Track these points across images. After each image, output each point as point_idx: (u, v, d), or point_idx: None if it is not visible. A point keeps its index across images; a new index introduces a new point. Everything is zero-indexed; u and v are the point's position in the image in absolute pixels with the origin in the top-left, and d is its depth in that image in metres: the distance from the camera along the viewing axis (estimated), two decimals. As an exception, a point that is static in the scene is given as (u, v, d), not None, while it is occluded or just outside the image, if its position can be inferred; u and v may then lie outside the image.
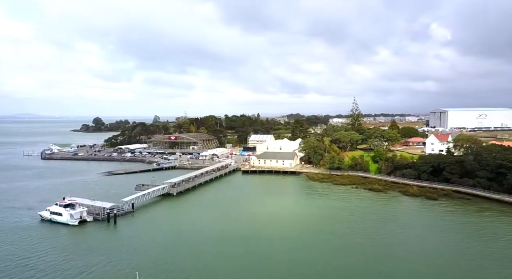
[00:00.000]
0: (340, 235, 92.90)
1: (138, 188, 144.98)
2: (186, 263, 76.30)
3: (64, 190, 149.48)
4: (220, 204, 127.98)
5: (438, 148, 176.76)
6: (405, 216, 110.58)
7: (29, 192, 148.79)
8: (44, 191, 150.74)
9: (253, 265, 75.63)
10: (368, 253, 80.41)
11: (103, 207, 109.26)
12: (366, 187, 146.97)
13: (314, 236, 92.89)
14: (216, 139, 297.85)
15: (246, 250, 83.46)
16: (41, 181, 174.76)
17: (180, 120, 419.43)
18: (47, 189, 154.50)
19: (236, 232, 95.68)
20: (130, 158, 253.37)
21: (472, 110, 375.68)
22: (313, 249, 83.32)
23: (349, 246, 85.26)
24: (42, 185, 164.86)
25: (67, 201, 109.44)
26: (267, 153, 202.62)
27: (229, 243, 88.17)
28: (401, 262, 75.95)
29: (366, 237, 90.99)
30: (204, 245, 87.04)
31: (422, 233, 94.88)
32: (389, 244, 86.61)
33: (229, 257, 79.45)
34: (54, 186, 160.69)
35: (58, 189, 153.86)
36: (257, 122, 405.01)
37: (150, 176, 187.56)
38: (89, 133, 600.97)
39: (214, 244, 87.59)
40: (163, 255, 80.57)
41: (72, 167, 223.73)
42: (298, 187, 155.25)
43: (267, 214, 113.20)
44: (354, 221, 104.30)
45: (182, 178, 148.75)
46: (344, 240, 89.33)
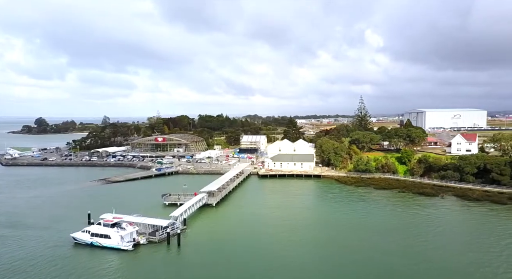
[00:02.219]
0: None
1: (167, 198, 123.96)
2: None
3: (66, 203, 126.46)
4: (269, 214, 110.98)
5: (465, 147, 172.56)
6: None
7: (25, 207, 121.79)
8: (44, 206, 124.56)
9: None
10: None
11: (159, 225, 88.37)
12: (415, 191, 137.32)
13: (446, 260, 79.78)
14: (204, 141, 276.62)
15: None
16: (26, 192, 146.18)
17: (152, 120, 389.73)
18: (44, 203, 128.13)
19: (320, 247, 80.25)
20: (115, 162, 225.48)
21: (447, 111, 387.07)
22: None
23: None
24: (32, 197, 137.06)
25: (114, 219, 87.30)
26: (282, 155, 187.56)
27: (324, 262, 72.70)
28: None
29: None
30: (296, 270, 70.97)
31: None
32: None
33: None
34: (51, 199, 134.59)
35: (58, 202, 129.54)
36: (236, 123, 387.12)
37: (154, 182, 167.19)
38: (34, 136, 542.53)
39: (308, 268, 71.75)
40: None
41: (50, 174, 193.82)
42: (340, 193, 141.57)
43: (342, 225, 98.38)
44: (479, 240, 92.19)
45: (218, 186, 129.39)
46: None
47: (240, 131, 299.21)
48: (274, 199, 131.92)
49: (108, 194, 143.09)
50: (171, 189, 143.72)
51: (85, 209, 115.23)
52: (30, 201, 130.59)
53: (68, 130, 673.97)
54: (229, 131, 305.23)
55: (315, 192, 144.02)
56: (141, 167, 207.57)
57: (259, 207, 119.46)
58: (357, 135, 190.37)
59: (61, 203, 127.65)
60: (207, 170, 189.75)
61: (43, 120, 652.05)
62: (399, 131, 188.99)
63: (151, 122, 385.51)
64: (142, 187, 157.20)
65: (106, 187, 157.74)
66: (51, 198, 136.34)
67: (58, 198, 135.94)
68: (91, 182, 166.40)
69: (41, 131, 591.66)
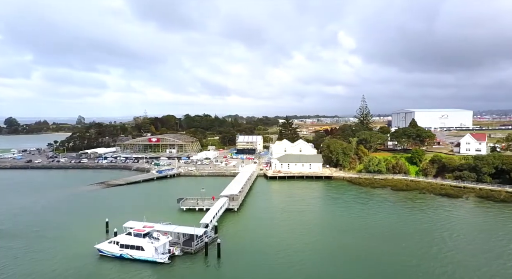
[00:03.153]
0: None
1: (184, 203, 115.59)
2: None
3: (70, 209, 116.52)
4: (297, 220, 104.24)
5: (475, 147, 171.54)
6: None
7: (26, 215, 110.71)
8: (46, 213, 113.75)
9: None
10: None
11: (194, 234, 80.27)
12: (436, 192, 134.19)
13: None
14: (198, 141, 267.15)
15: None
16: (21, 198, 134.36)
17: (139, 120, 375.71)
18: (46, 209, 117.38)
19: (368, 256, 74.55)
20: (108, 164, 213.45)
21: (435, 111, 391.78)
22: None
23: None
24: (30, 203, 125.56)
25: (146, 228, 78.72)
26: (289, 156, 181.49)
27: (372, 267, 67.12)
28: None
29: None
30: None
31: None
32: None
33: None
34: (51, 205, 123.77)
35: (60, 208, 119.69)
36: (225, 123, 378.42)
37: (158, 186, 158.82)
38: (4, 136, 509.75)
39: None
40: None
41: (39, 178, 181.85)
42: (359, 195, 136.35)
43: (383, 233, 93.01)
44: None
45: (239, 189, 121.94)
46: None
47: (234, 132, 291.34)
48: (294, 202, 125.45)
49: (112, 198, 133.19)
50: (178, 192, 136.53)
51: (94, 216, 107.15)
52: (29, 208, 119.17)
53: (42, 130, 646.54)
54: (223, 131, 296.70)
55: (332, 194, 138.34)
56: (138, 169, 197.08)
57: (281, 212, 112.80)
58: (364, 135, 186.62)
59: (64, 209, 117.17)
60: (211, 171, 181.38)
61: (13, 120, 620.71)
62: (408, 131, 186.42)
63: (138, 122, 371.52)
64: (147, 191, 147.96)
65: (107, 191, 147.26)
66: (51, 204, 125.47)
67: (59, 204, 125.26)
68: (89, 185, 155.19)
69: (12, 132, 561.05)
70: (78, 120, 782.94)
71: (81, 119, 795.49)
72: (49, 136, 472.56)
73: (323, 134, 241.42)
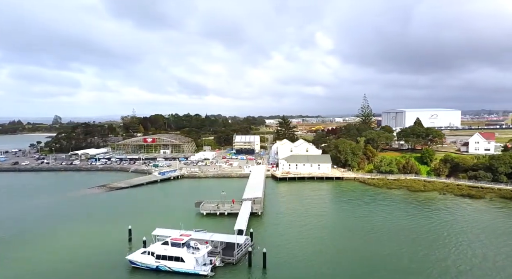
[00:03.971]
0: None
1: (203, 207, 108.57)
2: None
3: (77, 215, 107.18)
4: (323, 223, 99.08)
5: (483, 147, 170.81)
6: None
7: (31, 220, 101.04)
8: (53, 218, 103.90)
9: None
10: None
11: (235, 243, 73.63)
12: (456, 193, 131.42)
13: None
14: (193, 141, 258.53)
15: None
16: (17, 202, 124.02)
17: (127, 120, 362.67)
18: (51, 215, 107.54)
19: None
20: (103, 166, 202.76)
21: (425, 110, 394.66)
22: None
23: None
24: (31, 208, 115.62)
25: (184, 237, 71.56)
26: (297, 156, 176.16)
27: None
28: None
29: None
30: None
31: None
32: None
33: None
34: (54, 210, 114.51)
35: (66, 214, 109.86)
36: (217, 123, 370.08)
37: (163, 188, 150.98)
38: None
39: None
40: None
41: (29, 181, 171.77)
42: (377, 195, 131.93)
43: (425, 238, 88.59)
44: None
45: (261, 192, 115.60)
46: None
47: (229, 131, 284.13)
48: (314, 205, 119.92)
49: (120, 203, 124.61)
50: (189, 195, 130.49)
51: (109, 222, 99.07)
52: (31, 213, 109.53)
53: (17, 131, 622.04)
54: (219, 131, 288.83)
55: (349, 196, 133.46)
56: (136, 171, 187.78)
57: (305, 215, 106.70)
58: (372, 135, 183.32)
59: (72, 215, 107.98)
60: (216, 173, 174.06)
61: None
62: (416, 130, 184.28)
63: (126, 121, 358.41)
64: (154, 194, 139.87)
65: (111, 194, 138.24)
66: (55, 209, 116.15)
67: (63, 209, 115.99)
68: (89, 189, 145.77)
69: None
70: (55, 120, 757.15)
71: (57, 119, 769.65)
72: (26, 137, 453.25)
73: (323, 134, 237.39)
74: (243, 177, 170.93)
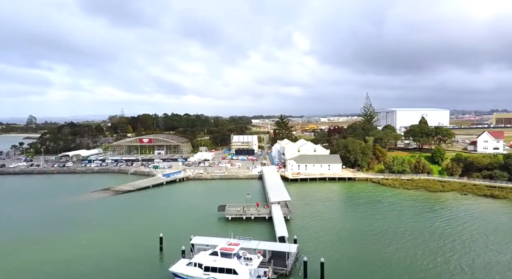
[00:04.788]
0: None
1: (228, 211, 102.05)
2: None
3: (89, 221, 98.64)
4: (361, 228, 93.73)
5: (492, 145, 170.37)
6: None
7: (40, 226, 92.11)
8: (62, 225, 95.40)
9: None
10: None
11: (287, 252, 67.71)
12: (478, 193, 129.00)
13: None
14: (189, 141, 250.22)
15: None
16: (19, 207, 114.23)
17: (115, 120, 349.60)
18: (61, 221, 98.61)
19: None
20: (100, 168, 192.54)
21: (415, 110, 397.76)
22: None
23: None
24: (36, 214, 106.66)
25: (234, 247, 65.11)
26: (306, 157, 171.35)
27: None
28: None
29: None
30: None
31: None
32: None
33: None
34: (63, 216, 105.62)
35: (78, 220, 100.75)
36: (208, 123, 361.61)
37: (171, 191, 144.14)
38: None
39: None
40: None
41: (21, 185, 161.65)
42: (396, 196, 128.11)
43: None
44: None
45: (287, 194, 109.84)
46: None
47: (225, 131, 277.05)
48: (339, 207, 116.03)
49: (132, 207, 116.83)
50: (202, 198, 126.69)
51: (130, 229, 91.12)
52: (40, 217, 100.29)
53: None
54: (215, 131, 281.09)
55: (369, 197, 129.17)
56: (136, 173, 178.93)
57: (334, 218, 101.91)
58: (379, 134, 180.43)
59: (86, 221, 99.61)
60: (223, 175, 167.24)
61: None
62: (425, 129, 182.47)
63: (114, 121, 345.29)
64: (164, 198, 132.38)
65: (119, 198, 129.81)
66: (63, 214, 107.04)
67: (74, 214, 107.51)
68: (92, 192, 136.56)
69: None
70: (29, 120, 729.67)
71: (32, 119, 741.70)
72: (2, 138, 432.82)
73: (325, 133, 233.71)
74: (251, 178, 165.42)
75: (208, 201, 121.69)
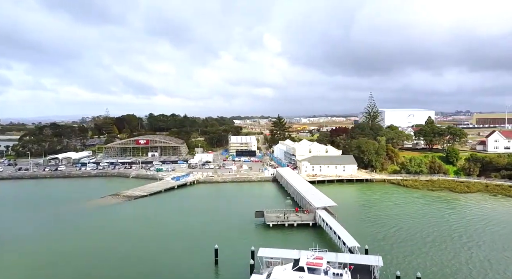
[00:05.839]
0: None
1: (267, 218, 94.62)
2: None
3: (113, 229, 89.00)
4: (415, 233, 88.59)
5: (503, 145, 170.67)
6: None
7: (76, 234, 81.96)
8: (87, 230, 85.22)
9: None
10: None
11: (372, 266, 61.14)
12: (506, 194, 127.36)
13: None
14: (185, 142, 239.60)
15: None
16: (24, 214, 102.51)
17: (99, 120, 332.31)
18: (72, 231, 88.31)
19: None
20: (98, 172, 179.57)
21: (402, 110, 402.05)
22: None
23: None
24: (49, 219, 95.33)
25: (321, 261, 57.86)
26: (320, 158, 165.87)
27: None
28: None
29: None
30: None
31: None
32: None
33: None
34: (74, 223, 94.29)
35: (104, 230, 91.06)
36: (197, 123, 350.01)
37: (185, 195, 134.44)
38: None
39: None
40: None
41: (12, 190, 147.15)
42: (423, 197, 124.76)
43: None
44: None
45: (328, 199, 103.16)
46: None
47: (221, 132, 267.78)
48: (378, 211, 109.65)
49: (154, 214, 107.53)
50: (224, 204, 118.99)
51: (165, 240, 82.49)
52: (61, 228, 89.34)
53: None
54: (210, 131, 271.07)
55: (398, 198, 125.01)
56: (138, 177, 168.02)
57: (380, 223, 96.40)
58: (390, 135, 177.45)
59: (111, 231, 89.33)
60: (235, 177, 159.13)
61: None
62: (436, 129, 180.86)
63: (98, 122, 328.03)
64: (184, 203, 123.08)
65: (134, 204, 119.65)
66: (79, 221, 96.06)
67: (95, 222, 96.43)
68: (102, 198, 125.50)
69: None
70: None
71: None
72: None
73: (327, 134, 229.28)
74: (264, 180, 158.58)
75: (235, 206, 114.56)
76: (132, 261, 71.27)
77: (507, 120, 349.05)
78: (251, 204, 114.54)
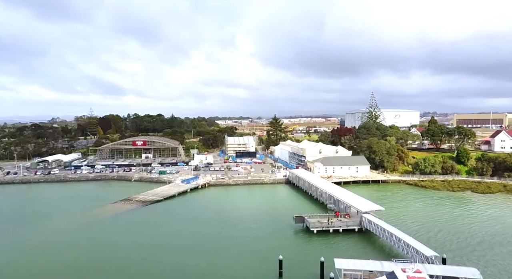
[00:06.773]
0: None
1: (312, 223, 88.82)
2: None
3: (150, 238, 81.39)
4: (460, 236, 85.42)
5: (510, 145, 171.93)
6: None
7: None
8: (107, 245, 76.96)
9: None
10: None
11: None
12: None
13: None
14: (180, 144, 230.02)
15: None
16: (34, 227, 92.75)
17: (83, 120, 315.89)
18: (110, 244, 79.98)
19: None
20: (96, 176, 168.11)
21: (389, 111, 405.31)
22: None
23: None
24: (69, 232, 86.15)
25: (421, 275, 52.64)
26: (332, 159, 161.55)
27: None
28: None
29: None
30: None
31: None
32: None
33: None
34: (104, 232, 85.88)
35: (133, 240, 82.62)
36: (186, 124, 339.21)
37: (200, 199, 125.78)
38: None
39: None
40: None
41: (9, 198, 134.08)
42: (447, 198, 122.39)
43: None
44: None
45: (371, 203, 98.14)
46: None
47: (216, 133, 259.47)
48: (414, 213, 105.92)
49: (182, 221, 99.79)
50: (249, 208, 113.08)
51: (211, 250, 75.41)
52: (87, 241, 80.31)
53: None
54: (205, 132, 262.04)
55: (425, 200, 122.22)
56: (141, 180, 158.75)
57: (424, 227, 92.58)
58: (398, 134, 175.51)
59: (149, 243, 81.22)
60: (247, 180, 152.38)
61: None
62: (444, 129, 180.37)
63: (81, 122, 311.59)
64: (205, 207, 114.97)
65: (151, 210, 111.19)
66: (100, 233, 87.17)
67: (120, 233, 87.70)
68: (113, 204, 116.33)
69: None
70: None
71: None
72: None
73: (329, 134, 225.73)
74: (277, 183, 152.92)
75: (264, 210, 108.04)
76: (189, 274, 63.82)
77: (492, 120, 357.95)
78: (278, 208, 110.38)
